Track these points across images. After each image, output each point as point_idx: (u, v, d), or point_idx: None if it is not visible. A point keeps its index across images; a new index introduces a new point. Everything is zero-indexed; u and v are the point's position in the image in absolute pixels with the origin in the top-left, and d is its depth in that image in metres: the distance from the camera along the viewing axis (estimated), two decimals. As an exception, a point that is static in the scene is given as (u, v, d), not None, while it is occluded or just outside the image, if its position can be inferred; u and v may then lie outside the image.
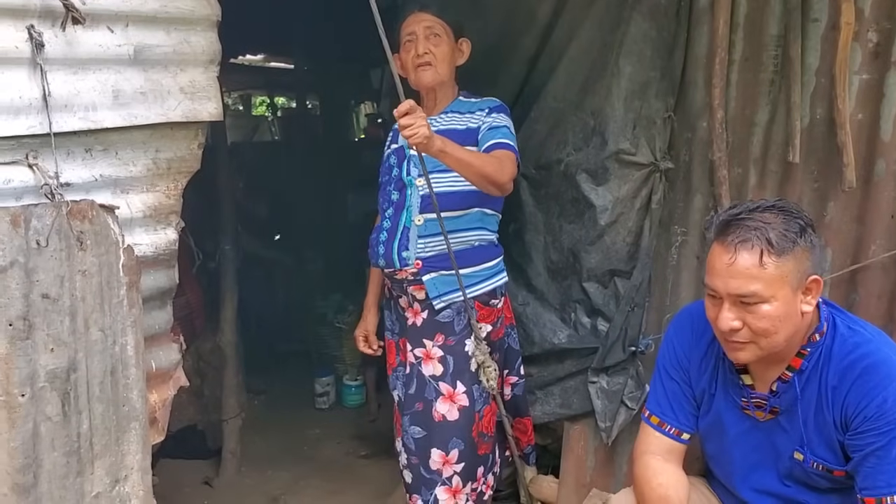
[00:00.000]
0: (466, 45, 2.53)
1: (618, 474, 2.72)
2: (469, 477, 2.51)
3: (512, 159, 2.36)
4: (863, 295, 2.32)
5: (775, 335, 1.69)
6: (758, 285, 1.64)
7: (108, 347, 1.83)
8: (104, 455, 1.84)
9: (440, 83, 2.47)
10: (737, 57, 2.35)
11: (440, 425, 2.48)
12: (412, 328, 2.55)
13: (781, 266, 1.64)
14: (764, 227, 1.65)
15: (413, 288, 2.50)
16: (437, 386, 2.49)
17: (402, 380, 2.63)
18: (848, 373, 1.71)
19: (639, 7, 2.42)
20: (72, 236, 1.72)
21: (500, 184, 2.31)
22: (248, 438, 3.63)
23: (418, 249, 2.43)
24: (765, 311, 1.66)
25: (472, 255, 2.45)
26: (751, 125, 2.37)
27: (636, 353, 2.53)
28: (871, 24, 2.19)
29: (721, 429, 1.94)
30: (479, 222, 2.49)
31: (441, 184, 2.38)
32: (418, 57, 2.42)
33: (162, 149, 2.00)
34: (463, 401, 2.48)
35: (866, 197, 2.28)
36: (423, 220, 2.42)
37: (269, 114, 10.71)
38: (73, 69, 1.79)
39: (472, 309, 2.45)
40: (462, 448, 2.48)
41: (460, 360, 2.48)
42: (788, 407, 1.81)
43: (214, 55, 2.07)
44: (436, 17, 2.45)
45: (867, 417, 1.67)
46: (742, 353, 1.74)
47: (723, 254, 1.67)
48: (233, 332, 3.49)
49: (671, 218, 2.52)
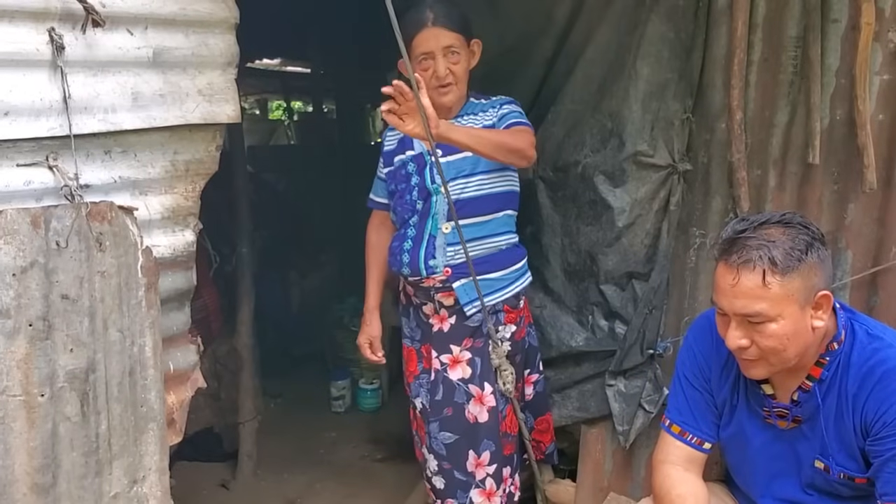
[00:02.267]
0: (477, 46, 2.45)
1: (636, 478, 2.70)
2: (499, 478, 2.50)
3: (527, 131, 2.34)
4: (883, 297, 2.30)
5: (784, 352, 1.67)
6: (763, 305, 1.62)
7: (127, 348, 1.84)
8: (122, 455, 1.85)
9: (459, 99, 2.44)
10: (756, 58, 2.33)
11: (473, 427, 2.47)
12: (438, 334, 2.52)
13: (787, 284, 1.61)
14: (768, 245, 1.62)
15: (441, 295, 2.47)
16: (468, 389, 2.47)
17: (426, 387, 2.57)
18: (867, 379, 1.70)
19: (656, 8, 2.41)
20: (91, 237, 1.74)
21: (520, 150, 2.27)
22: (264, 441, 3.64)
23: (447, 257, 2.41)
24: (771, 329, 1.64)
25: (501, 258, 2.45)
26: (770, 126, 2.35)
27: (654, 356, 2.51)
28: (891, 25, 2.17)
29: (744, 439, 1.92)
30: (506, 225, 2.49)
31: (468, 189, 2.37)
32: (438, 79, 2.33)
33: (180, 151, 2.01)
34: (491, 401, 2.47)
35: (887, 199, 2.26)
36: (451, 227, 2.37)
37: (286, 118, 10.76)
38: (92, 71, 1.81)
39: (489, 315, 2.44)
40: (493, 449, 2.48)
41: (486, 361, 2.47)
42: (810, 416, 1.79)
43: (232, 58, 2.09)
44: (452, 31, 2.34)
45: (886, 423, 1.66)
46: (754, 369, 1.74)
47: (726, 274, 1.66)
48: (249, 335, 3.50)
49: (689, 220, 2.50)
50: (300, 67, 8.28)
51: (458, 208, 2.29)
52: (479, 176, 2.37)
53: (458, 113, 2.47)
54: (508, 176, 2.46)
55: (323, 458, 3.79)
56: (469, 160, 2.36)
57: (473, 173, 2.37)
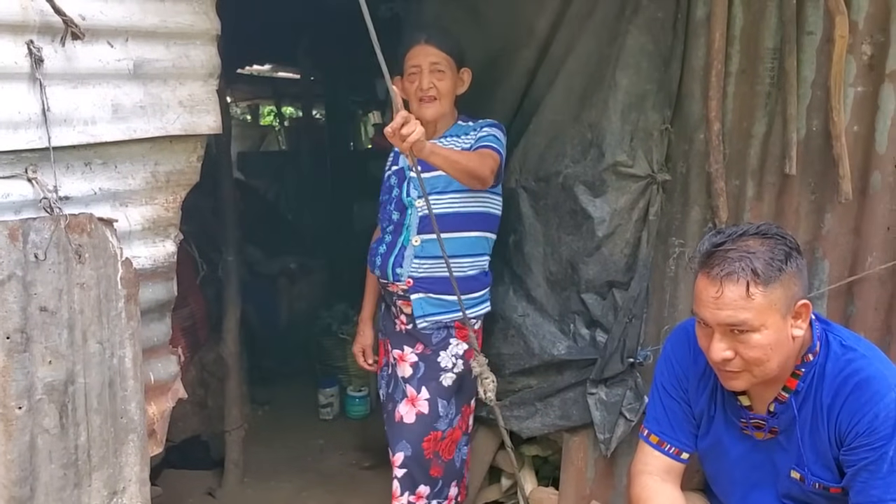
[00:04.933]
0: (467, 75, 2.57)
1: (618, 486, 2.71)
2: (407, 488, 2.55)
3: (492, 156, 2.41)
4: (860, 307, 2.32)
5: (767, 363, 1.68)
6: (747, 315, 1.63)
7: (107, 360, 1.85)
8: (102, 467, 1.86)
9: (441, 115, 2.52)
10: (733, 69, 2.35)
11: (398, 426, 2.57)
12: (398, 333, 2.65)
13: (769, 294, 1.63)
14: (748, 256, 1.63)
15: (402, 302, 2.59)
16: (405, 388, 2.57)
17: (385, 379, 2.74)
18: (841, 390, 1.71)
19: (635, 20, 2.43)
20: (70, 249, 1.75)
21: (480, 176, 2.35)
22: (251, 449, 3.64)
23: (412, 268, 2.51)
24: (756, 340, 1.65)
25: (463, 283, 2.48)
26: (748, 137, 2.37)
27: (635, 364, 2.53)
28: (864, 37, 2.20)
29: (722, 450, 1.94)
30: (477, 247, 2.56)
31: (438, 205, 2.44)
32: (422, 91, 2.46)
33: (161, 162, 2.03)
34: (423, 407, 2.54)
35: (862, 209, 2.28)
36: (421, 240, 2.50)
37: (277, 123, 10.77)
38: (72, 84, 1.82)
39: (439, 330, 2.54)
40: (408, 454, 2.53)
41: (431, 369, 2.56)
42: (787, 427, 1.80)
43: (214, 69, 2.10)
44: (441, 51, 2.47)
45: (859, 433, 1.67)
46: (736, 381, 1.74)
47: (709, 286, 1.66)
48: (235, 343, 3.50)
49: (669, 230, 2.52)
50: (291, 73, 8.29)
51: (428, 223, 2.34)
52: (450, 194, 2.47)
53: (444, 134, 2.55)
54: (484, 198, 2.53)
55: (310, 466, 3.79)
56: (442, 178, 2.44)
57: (445, 191, 2.47)
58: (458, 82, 2.55)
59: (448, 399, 2.57)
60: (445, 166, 2.26)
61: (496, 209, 2.60)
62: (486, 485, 3.07)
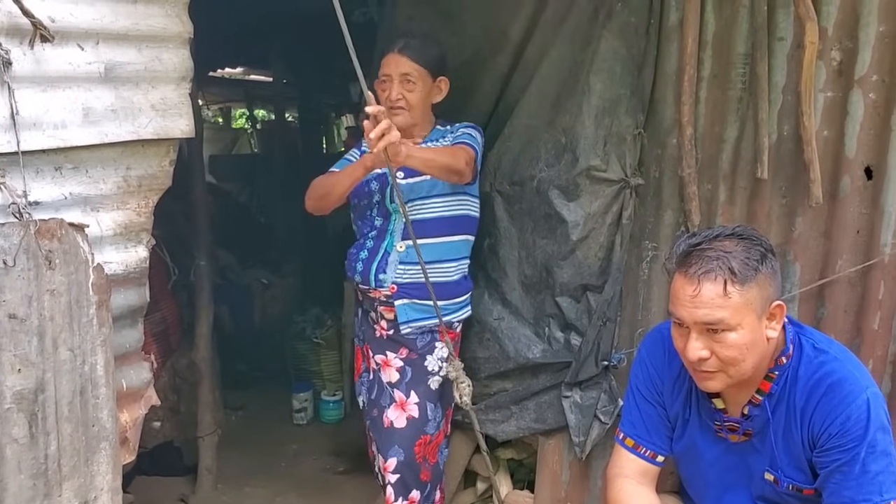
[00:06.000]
0: (445, 84, 2.55)
1: (592, 489, 2.73)
2: (401, 493, 2.55)
3: (465, 149, 2.42)
4: (830, 309, 2.35)
5: (743, 363, 1.69)
6: (724, 313, 1.65)
7: (78, 367, 1.82)
8: (73, 476, 1.83)
9: (412, 125, 2.51)
10: (706, 74, 2.38)
11: (388, 431, 2.55)
12: (378, 339, 2.63)
13: (745, 293, 1.64)
14: (725, 256, 1.65)
15: (383, 308, 2.57)
16: (392, 393, 2.56)
17: (366, 385, 2.72)
18: (813, 392, 1.73)
19: (609, 25, 2.45)
20: (40, 255, 1.71)
21: (457, 169, 2.35)
22: (224, 455, 3.61)
23: (396, 274, 2.50)
24: (732, 339, 1.67)
25: (446, 289, 2.50)
26: (720, 142, 2.40)
27: (609, 367, 2.54)
28: (834, 44, 2.23)
29: (696, 452, 1.95)
30: (461, 251, 2.57)
31: (423, 211, 2.45)
32: (390, 101, 2.44)
33: (133, 166, 2.00)
34: (413, 411, 2.54)
35: (832, 212, 2.31)
36: (405, 246, 2.49)
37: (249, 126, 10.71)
38: (41, 87, 1.78)
39: (423, 334, 2.54)
40: (401, 459, 2.53)
41: (419, 373, 2.56)
42: (760, 429, 1.83)
43: (186, 72, 2.07)
44: (414, 62, 2.45)
45: (832, 435, 1.70)
46: (711, 381, 1.75)
47: (686, 285, 1.67)
48: (208, 348, 3.48)
49: (642, 233, 2.54)
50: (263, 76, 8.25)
51: (413, 229, 2.32)
52: (434, 198, 2.47)
53: (423, 140, 2.55)
54: (465, 200, 2.54)
55: (284, 471, 3.77)
56: (426, 183, 2.45)
57: (429, 196, 2.46)
58: (435, 91, 2.53)
59: (435, 402, 2.58)
60: (423, 167, 2.26)
61: (475, 211, 2.60)
62: (462, 488, 3.07)
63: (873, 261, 2.28)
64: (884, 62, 2.20)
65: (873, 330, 2.32)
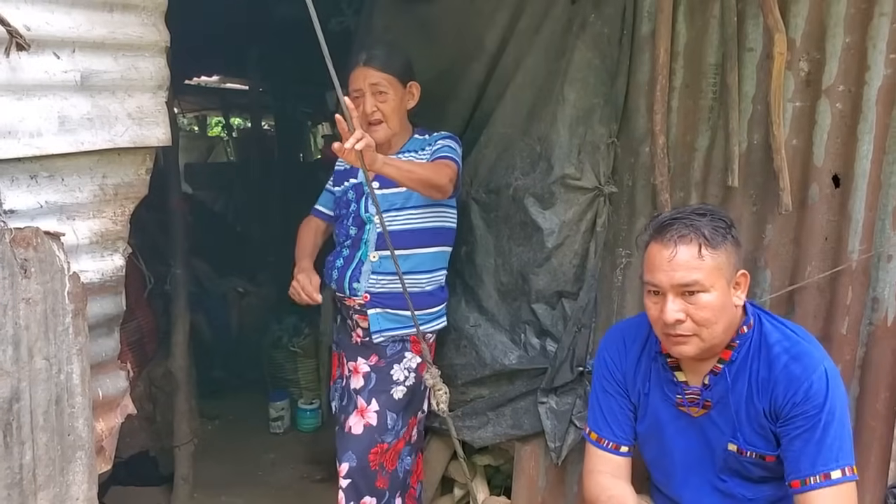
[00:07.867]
0: (416, 88, 2.55)
1: (569, 494, 2.75)
2: (352, 498, 2.54)
3: (449, 165, 2.42)
4: (800, 314, 2.39)
5: (715, 325, 1.80)
6: (699, 274, 1.77)
7: (53, 376, 1.81)
8: (48, 486, 1.82)
9: (391, 136, 2.51)
10: (678, 84, 2.41)
11: (346, 436, 2.57)
12: (353, 345, 2.66)
13: (716, 257, 1.78)
14: (697, 223, 1.79)
15: (358, 317, 2.59)
16: (356, 399, 2.58)
17: (339, 391, 2.75)
18: (776, 363, 1.84)
19: (583, 36, 2.48)
20: (15, 264, 1.71)
21: (439, 186, 2.35)
22: (201, 464, 3.59)
23: (369, 284, 2.52)
24: (706, 300, 1.78)
25: (418, 299, 2.49)
26: (691, 150, 2.44)
27: (584, 373, 2.57)
28: (802, 54, 2.27)
29: (658, 427, 2.03)
30: (436, 262, 2.58)
31: (397, 221, 2.46)
32: (366, 115, 2.44)
33: (109, 174, 1.99)
34: (371, 419, 2.55)
35: (802, 220, 2.36)
36: (378, 256, 2.51)
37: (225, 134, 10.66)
38: (17, 95, 1.78)
39: (395, 343, 2.57)
40: (353, 465, 2.53)
41: (383, 381, 2.57)
42: (720, 399, 1.91)
43: (163, 80, 2.07)
44: (381, 72, 2.45)
45: (795, 403, 1.79)
46: (685, 346, 1.84)
47: (663, 249, 1.80)
48: (184, 357, 3.46)
49: (616, 240, 2.57)
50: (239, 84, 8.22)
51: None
52: (409, 210, 2.48)
53: (402, 149, 2.55)
54: (441, 212, 2.55)
55: (261, 480, 3.76)
56: (402, 194, 2.46)
57: (404, 207, 2.48)
58: (408, 97, 2.54)
59: (398, 412, 2.58)
60: (401, 178, 2.24)
61: (452, 222, 2.62)
62: (439, 495, 3.08)
63: (841, 267, 2.33)
64: (850, 72, 2.25)
65: (841, 334, 2.36)
